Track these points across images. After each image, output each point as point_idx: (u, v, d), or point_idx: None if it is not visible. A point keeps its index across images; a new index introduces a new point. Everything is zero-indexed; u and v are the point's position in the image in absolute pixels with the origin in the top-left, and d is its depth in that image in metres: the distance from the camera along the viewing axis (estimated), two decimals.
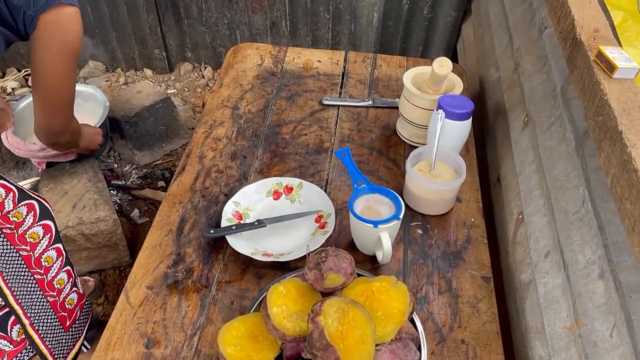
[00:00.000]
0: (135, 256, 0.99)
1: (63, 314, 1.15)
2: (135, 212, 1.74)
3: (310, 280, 0.77)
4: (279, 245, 1.00)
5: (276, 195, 1.08)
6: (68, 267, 1.14)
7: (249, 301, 0.90)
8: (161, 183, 1.85)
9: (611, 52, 0.74)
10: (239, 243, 0.96)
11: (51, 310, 1.11)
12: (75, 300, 1.18)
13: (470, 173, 1.14)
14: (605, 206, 0.71)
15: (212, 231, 0.97)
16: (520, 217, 0.99)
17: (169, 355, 0.83)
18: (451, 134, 1.07)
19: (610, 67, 0.73)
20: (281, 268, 0.95)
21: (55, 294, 1.11)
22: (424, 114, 1.14)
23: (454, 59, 2.04)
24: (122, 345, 0.84)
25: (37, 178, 1.75)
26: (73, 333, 1.19)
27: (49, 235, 1.08)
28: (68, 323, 1.17)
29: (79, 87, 1.83)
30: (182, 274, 0.94)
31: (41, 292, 1.07)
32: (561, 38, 0.91)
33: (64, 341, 1.17)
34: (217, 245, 0.99)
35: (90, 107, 1.78)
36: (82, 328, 1.23)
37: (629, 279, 0.62)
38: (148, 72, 2.40)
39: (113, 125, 1.83)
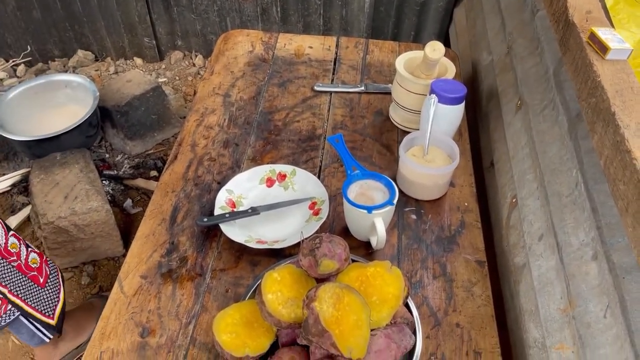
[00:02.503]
0: (129, 246, 0.98)
1: (32, 273, 1.16)
2: (128, 202, 1.73)
3: (305, 266, 0.77)
4: (273, 232, 0.99)
5: (269, 182, 1.07)
6: (12, 232, 1.14)
7: (244, 289, 0.90)
8: (154, 173, 1.84)
9: (604, 34, 0.74)
10: (233, 231, 0.96)
11: (20, 274, 1.12)
12: (38, 259, 1.20)
13: (464, 157, 1.14)
14: (598, 188, 0.71)
15: (205, 219, 0.96)
16: (513, 200, 0.99)
17: (164, 343, 0.82)
18: (444, 118, 1.06)
19: (603, 49, 0.72)
20: (275, 255, 0.95)
21: (15, 258, 1.12)
22: (417, 99, 1.13)
23: (447, 43, 2.03)
24: (117, 334, 0.83)
25: (27, 169, 1.74)
26: (51, 288, 1.21)
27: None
28: (42, 280, 1.19)
29: (68, 77, 1.81)
30: (176, 263, 0.94)
31: (2, 259, 1.08)
32: (554, 20, 0.90)
33: (45, 297, 1.19)
34: (210, 234, 0.99)
35: (80, 97, 1.76)
36: (58, 283, 1.25)
37: (622, 259, 0.62)
38: (138, 60, 2.37)
39: (104, 115, 1.81)
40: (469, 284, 0.91)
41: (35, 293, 1.17)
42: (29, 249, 1.18)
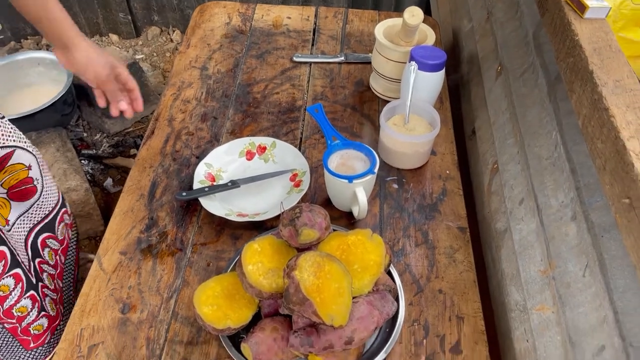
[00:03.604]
0: None
1: (25, 337, 1.07)
2: (109, 181, 1.70)
3: (285, 236, 0.76)
4: (254, 205, 0.98)
5: (249, 155, 1.05)
6: (32, 292, 1.03)
7: (225, 262, 0.89)
8: (133, 151, 1.81)
9: None
10: (213, 205, 0.95)
11: (8, 333, 1.03)
12: (45, 325, 1.09)
13: (445, 126, 1.13)
14: (577, 149, 0.71)
15: (184, 194, 0.95)
16: (495, 166, 0.99)
17: (145, 319, 0.82)
18: (424, 86, 1.05)
19: (581, 7, 0.71)
20: (257, 228, 0.94)
21: (14, 321, 1.02)
22: (397, 67, 1.12)
23: (428, 12, 2.01)
24: (97, 311, 0.82)
25: None
26: (37, 354, 1.12)
27: (3, 262, 0.94)
28: (32, 345, 1.09)
29: (40, 54, 1.76)
30: (156, 238, 0.93)
31: None
32: None
33: (22, 358, 1.10)
34: (190, 208, 0.97)
35: (53, 75, 1.72)
36: (52, 348, 1.14)
37: (601, 219, 0.62)
38: (114, 37, 2.31)
39: (79, 93, 1.77)
40: (450, 250, 0.92)
41: (16, 351, 1.07)
42: (42, 313, 1.07)
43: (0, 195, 0.94)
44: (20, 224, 1.01)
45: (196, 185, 0.98)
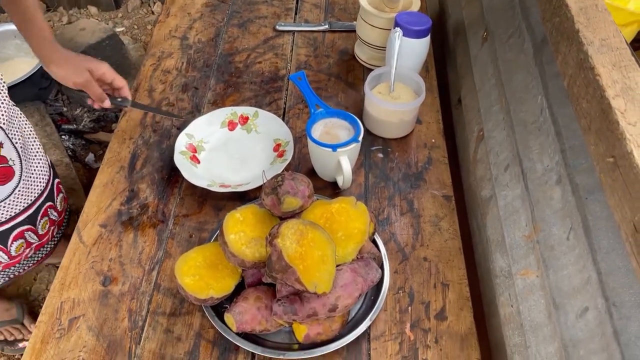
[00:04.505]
0: None
1: None
2: (90, 157, 1.67)
3: (268, 205, 0.75)
4: (237, 176, 0.96)
5: (231, 125, 1.03)
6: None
7: (208, 233, 0.88)
8: (115, 125, 1.78)
9: None
10: (195, 176, 0.93)
11: None
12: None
13: (431, 94, 1.12)
14: (562, 112, 0.70)
15: (119, 99, 0.98)
16: (480, 134, 0.98)
17: (127, 291, 0.80)
18: (410, 52, 1.03)
19: None
20: (240, 199, 0.93)
21: None
22: (382, 34, 1.10)
23: None
24: (78, 284, 0.81)
25: None
26: None
27: None
28: None
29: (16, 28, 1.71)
30: (137, 210, 0.91)
31: None
32: None
33: None
34: (172, 180, 0.96)
35: (29, 49, 1.66)
36: None
37: (585, 181, 0.62)
38: (93, 9, 2.25)
39: None
40: (436, 218, 0.91)
41: None
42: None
43: None
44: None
45: (177, 156, 0.95)
